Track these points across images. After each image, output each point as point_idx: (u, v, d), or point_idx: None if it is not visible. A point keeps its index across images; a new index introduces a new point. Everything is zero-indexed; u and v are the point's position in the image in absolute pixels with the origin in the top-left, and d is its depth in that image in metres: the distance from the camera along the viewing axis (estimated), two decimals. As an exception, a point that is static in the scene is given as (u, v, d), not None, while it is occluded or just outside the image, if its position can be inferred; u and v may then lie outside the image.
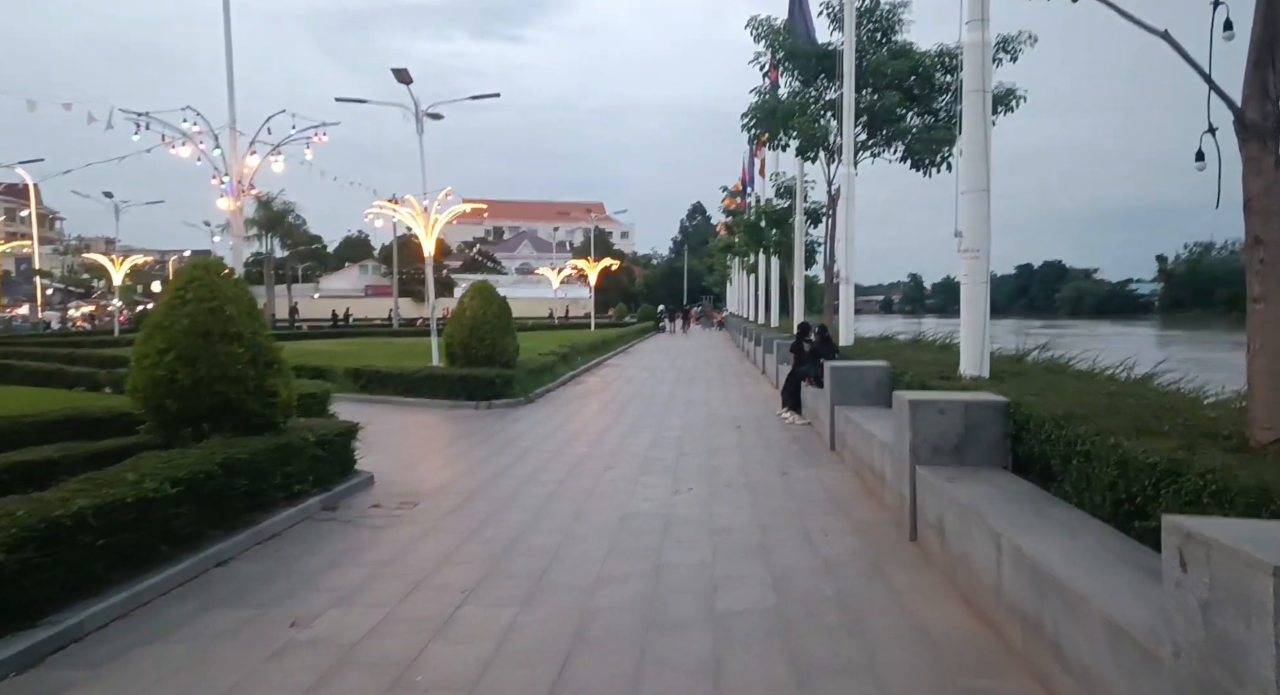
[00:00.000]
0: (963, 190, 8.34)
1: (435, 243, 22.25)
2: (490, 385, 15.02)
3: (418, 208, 21.61)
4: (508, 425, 12.70)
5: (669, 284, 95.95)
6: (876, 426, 8.32)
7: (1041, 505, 5.00)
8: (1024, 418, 5.92)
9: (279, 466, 6.71)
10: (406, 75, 20.54)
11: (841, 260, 16.08)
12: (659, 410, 14.58)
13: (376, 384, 16.22)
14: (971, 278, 8.34)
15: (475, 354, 15.59)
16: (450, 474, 8.97)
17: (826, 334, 13.20)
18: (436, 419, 13.66)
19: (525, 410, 14.59)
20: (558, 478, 8.68)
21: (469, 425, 12.84)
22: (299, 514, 6.85)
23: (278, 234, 50.62)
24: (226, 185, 11.42)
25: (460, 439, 11.63)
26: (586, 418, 13.63)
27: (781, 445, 10.80)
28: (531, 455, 10.04)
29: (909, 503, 6.35)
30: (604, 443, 10.99)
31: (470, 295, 16.00)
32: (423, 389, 15.50)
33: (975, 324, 8.31)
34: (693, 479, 8.58)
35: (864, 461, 8.43)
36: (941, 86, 19.52)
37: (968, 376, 8.23)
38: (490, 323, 15.69)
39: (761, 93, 20.23)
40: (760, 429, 12.29)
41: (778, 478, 8.65)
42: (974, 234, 8.27)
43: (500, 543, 6.23)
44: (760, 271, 37.41)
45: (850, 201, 16.03)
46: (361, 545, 6.22)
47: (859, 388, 10.34)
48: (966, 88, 8.35)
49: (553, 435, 11.69)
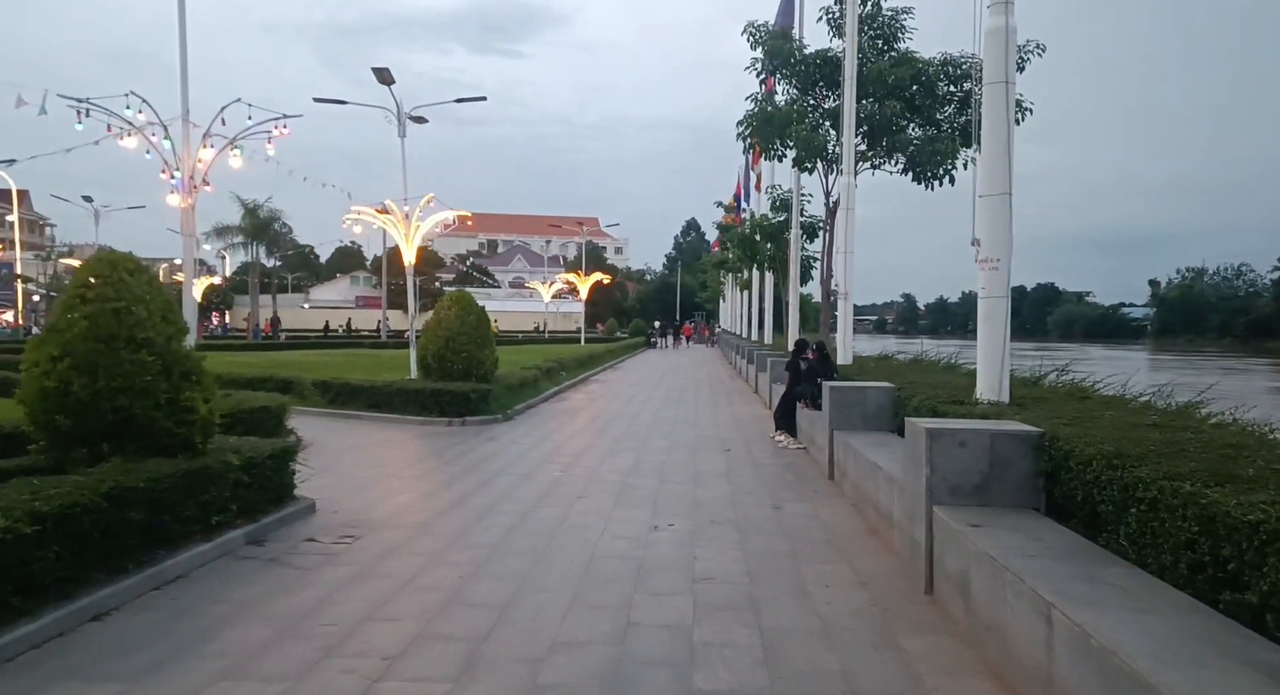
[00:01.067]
0: (981, 194, 7.47)
1: (416, 252, 21.39)
2: (465, 401, 14.07)
3: (398, 214, 20.74)
4: (479, 445, 11.74)
5: (662, 300, 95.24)
6: (882, 456, 7.41)
7: (1094, 563, 4.09)
8: (1062, 453, 5.01)
9: (191, 495, 5.75)
10: (388, 75, 19.71)
11: (840, 275, 15.22)
12: (643, 430, 13.64)
13: (346, 398, 15.26)
14: (990, 291, 7.46)
15: (451, 367, 14.65)
16: (404, 501, 8.00)
17: (825, 352, 12.31)
18: (404, 436, 12.69)
19: (501, 428, 13.63)
20: (523, 508, 7.72)
21: (437, 444, 11.88)
22: (216, 550, 5.89)
23: (263, 242, 49.59)
24: (177, 181, 10.48)
25: (424, 459, 10.66)
26: (565, 437, 12.68)
27: (774, 473, 9.87)
28: (499, 480, 9.09)
29: (924, 550, 5.42)
30: (580, 466, 10.04)
31: (447, 305, 15.07)
32: (394, 404, 14.55)
33: (994, 343, 7.42)
34: (674, 512, 7.65)
35: (867, 496, 7.51)
36: (945, 96, 18.79)
37: (985, 402, 7.34)
38: (467, 334, 14.76)
39: (758, 100, 19.45)
40: (751, 453, 11.36)
41: (769, 512, 7.71)
42: (994, 242, 7.40)
43: (442, 592, 5.28)
44: (754, 287, 36.59)
45: (850, 213, 15.20)
46: (280, 589, 5.26)
47: (860, 411, 9.44)
48: (987, 79, 7.50)
49: (526, 456, 10.74)
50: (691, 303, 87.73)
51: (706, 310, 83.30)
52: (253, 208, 48.41)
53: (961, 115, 18.73)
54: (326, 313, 79.86)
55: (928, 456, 5.39)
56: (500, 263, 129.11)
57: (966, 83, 18.43)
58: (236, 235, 49.00)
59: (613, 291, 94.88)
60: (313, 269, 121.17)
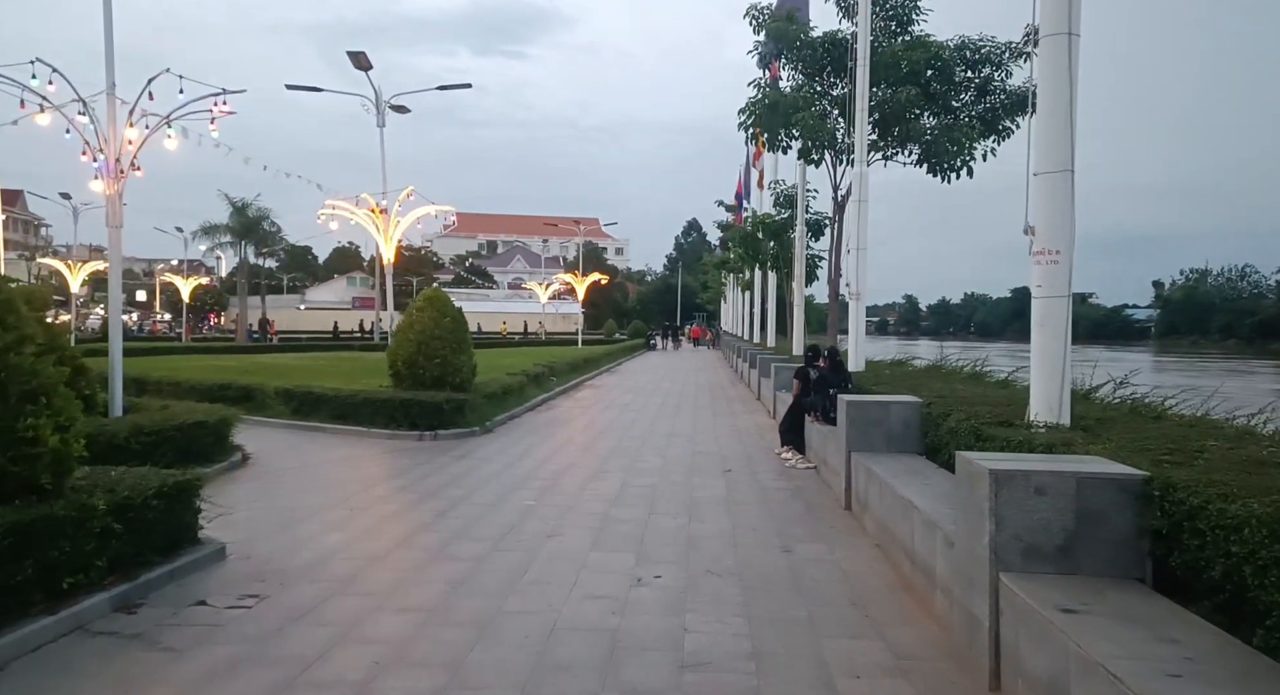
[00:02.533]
0: (1037, 171, 6.12)
1: (400, 252, 20.15)
2: (437, 412, 12.72)
3: (376, 209, 19.44)
4: (447, 463, 10.40)
5: (663, 301, 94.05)
6: (915, 490, 6.07)
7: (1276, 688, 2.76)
8: (1183, 509, 3.66)
9: (26, 554, 4.41)
10: (364, 60, 18.40)
11: (852, 273, 13.86)
12: (635, 445, 12.30)
13: (309, 407, 13.91)
14: (1048, 289, 6.11)
15: (423, 374, 13.30)
16: (336, 541, 6.66)
17: (838, 359, 10.95)
18: (365, 453, 11.35)
19: (477, 443, 12.29)
20: (479, 551, 6.38)
21: (400, 462, 10.55)
22: (61, 625, 4.54)
23: (252, 241, 48.26)
24: (100, 163, 9.16)
25: (378, 483, 9.32)
26: (547, 454, 11.34)
27: (781, 500, 8.52)
28: (459, 511, 7.74)
29: (987, 633, 4.08)
30: (559, 492, 8.70)
31: (420, 306, 13.72)
32: (360, 415, 13.20)
33: (1052, 352, 6.07)
34: (663, 556, 6.30)
35: (897, 538, 6.17)
36: (962, 83, 17.47)
37: (1041, 425, 6.00)
38: (442, 338, 13.41)
39: (761, 86, 18.11)
40: (755, 474, 10.02)
41: (778, 558, 6.36)
42: (1053, 230, 6.06)
43: (343, 689, 3.94)
44: (756, 288, 35.24)
45: (863, 205, 13.85)
46: (123, 688, 3.92)
47: (883, 430, 8.09)
48: (1045, 32, 6.14)
49: (498, 478, 9.40)
50: (692, 304, 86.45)
51: (707, 311, 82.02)
52: (241, 206, 47.05)
53: (980, 102, 17.43)
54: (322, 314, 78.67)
55: (992, 507, 4.05)
56: (499, 264, 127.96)
57: (985, 68, 17.13)
58: (224, 234, 47.61)
59: (612, 292, 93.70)
60: (311, 270, 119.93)
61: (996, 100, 17.34)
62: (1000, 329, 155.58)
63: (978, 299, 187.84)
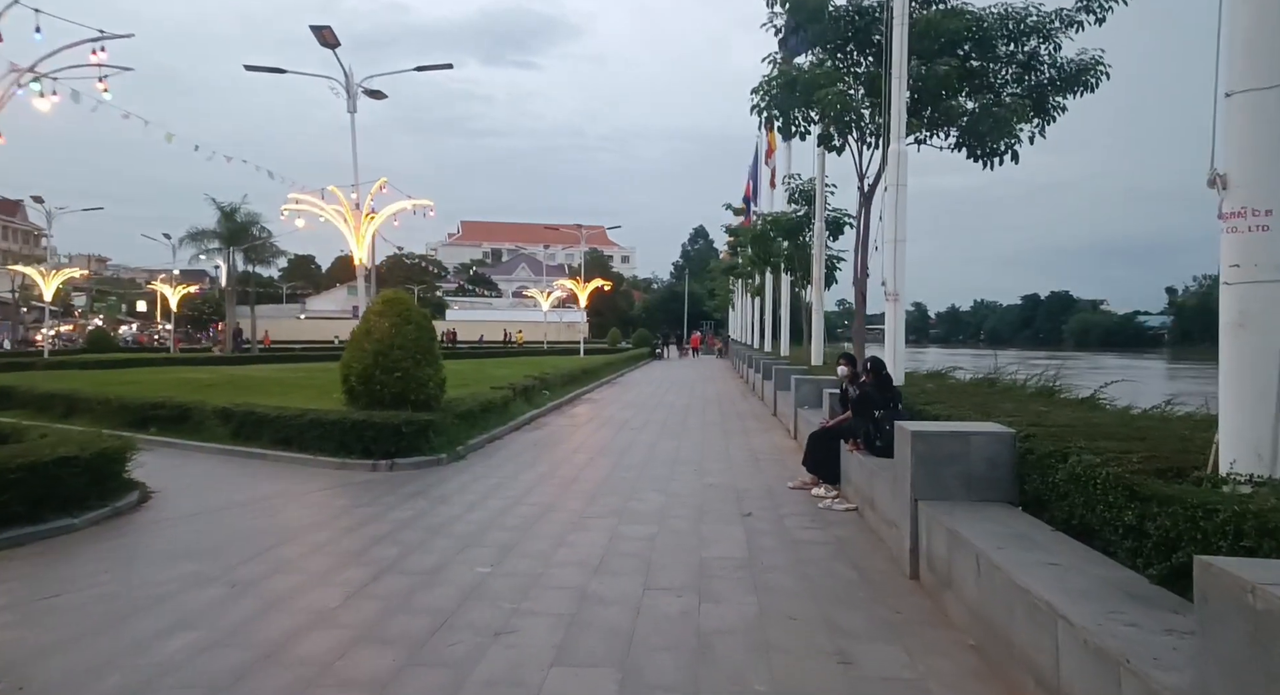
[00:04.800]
0: (1233, 90, 4.00)
1: (370, 249, 18.11)
2: (395, 436, 10.62)
3: (345, 204, 17.42)
4: (395, 505, 8.29)
5: (669, 309, 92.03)
6: (1038, 577, 3.95)
7: None
8: None
9: None
10: (331, 36, 16.39)
11: (890, 271, 11.72)
12: (632, 475, 10.19)
13: (251, 430, 11.82)
14: (1254, 267, 3.96)
15: (379, 391, 11.21)
16: (174, 652, 4.52)
17: (884, 372, 8.79)
18: (300, 489, 9.25)
19: (441, 474, 10.20)
20: (382, 670, 4.25)
21: (336, 504, 8.45)
22: None
23: (241, 247, 46.30)
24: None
25: (292, 538, 7.16)
26: (523, 489, 9.23)
27: (822, 562, 6.38)
28: (380, 587, 5.63)
29: None
30: (525, 550, 6.59)
31: (377, 310, 11.64)
32: (306, 439, 11.10)
33: (1259, 367, 3.94)
34: (661, 675, 4.17)
35: (1010, 644, 4.04)
36: (1005, 57, 15.40)
37: (1242, 477, 3.87)
38: (404, 348, 11.33)
39: (776, 62, 16.03)
40: (781, 517, 7.89)
41: (834, 677, 4.22)
42: (1261, 179, 3.93)
43: None
44: (767, 292, 33.12)
45: (901, 190, 11.75)
46: None
47: (960, 470, 5.96)
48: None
49: (451, 528, 7.29)
50: (699, 311, 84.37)
51: (715, 319, 79.96)
52: (229, 210, 45.16)
53: (1024, 79, 15.33)
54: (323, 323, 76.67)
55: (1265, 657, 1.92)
56: (504, 272, 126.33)
57: (1030, 39, 15.04)
58: (212, 240, 45.68)
59: (618, 300, 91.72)
60: (314, 279, 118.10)
61: (1044, 76, 15.26)
62: (1010, 336, 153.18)
63: (987, 306, 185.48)
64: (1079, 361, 52.86)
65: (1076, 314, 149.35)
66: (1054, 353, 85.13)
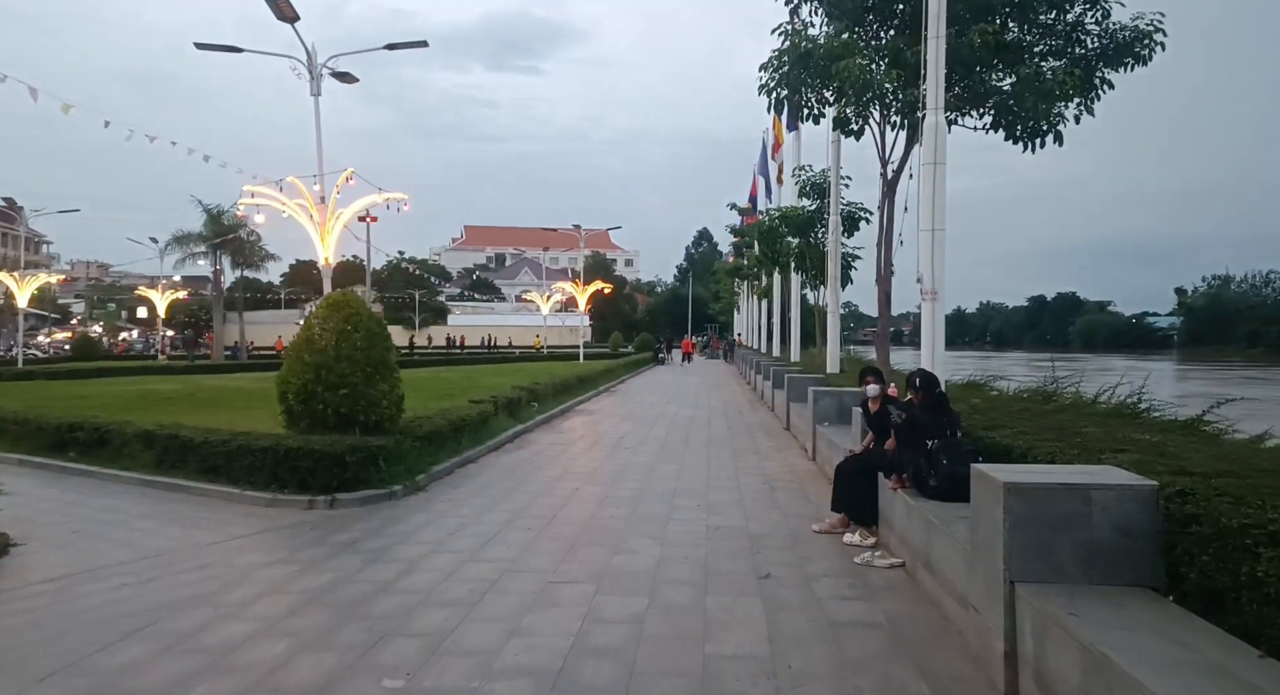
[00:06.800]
0: None
1: (334, 246, 16.35)
2: (338, 465, 8.81)
3: (309, 197, 15.64)
4: (315, 564, 6.48)
5: (673, 312, 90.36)
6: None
7: None
8: None
9: None
10: (288, 9, 14.62)
11: (925, 263, 9.88)
12: (622, 513, 8.36)
13: (176, 456, 10.02)
14: None
15: (322, 411, 9.40)
16: None
17: (939, 391, 6.92)
18: (204, 539, 7.41)
19: (391, 513, 8.39)
20: None
21: (238, 564, 6.62)
22: None
23: (227, 251, 44.59)
24: None
25: (141, 629, 5.27)
26: (483, 537, 7.41)
27: (876, 667, 4.52)
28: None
29: None
30: (460, 648, 4.77)
31: (320, 314, 9.83)
32: (235, 469, 9.29)
33: None
34: None
35: None
36: (1045, 27, 13.62)
37: None
38: (351, 359, 9.52)
39: (788, 33, 14.21)
40: (809, 580, 6.05)
41: None
42: None
43: None
44: (775, 294, 31.27)
45: (939, 168, 9.93)
46: None
47: (1077, 539, 4.12)
48: None
49: (371, 605, 5.47)
50: (704, 314, 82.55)
51: (719, 322, 78.13)
52: (216, 212, 43.47)
53: (1070, 50, 13.49)
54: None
55: None
56: (507, 276, 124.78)
57: (1075, 6, 13.23)
58: (197, 243, 43.97)
59: (621, 304, 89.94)
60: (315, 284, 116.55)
61: (1089, 47, 13.44)
62: (1017, 338, 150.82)
63: (993, 308, 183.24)
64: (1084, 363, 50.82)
65: (1084, 315, 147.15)
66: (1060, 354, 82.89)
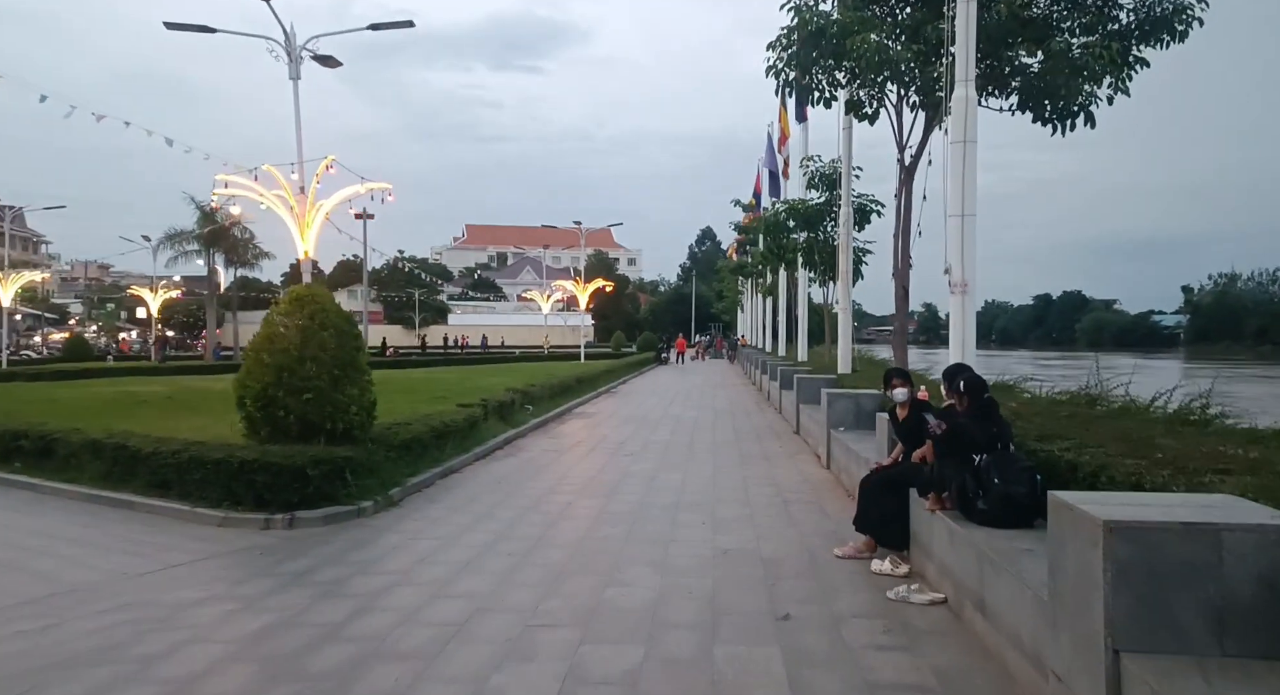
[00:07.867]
0: None
1: (314, 239, 15.43)
2: (300, 479, 7.83)
3: (287, 187, 14.68)
4: (254, 602, 5.51)
5: (676, 311, 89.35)
6: None
7: None
8: None
9: None
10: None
11: (954, 252, 8.89)
12: (619, 533, 7.38)
13: (125, 469, 9.05)
14: None
15: (284, 418, 8.43)
16: None
17: (986, 396, 5.91)
18: (139, 567, 6.44)
19: (357, 534, 7.42)
20: None
21: (166, 601, 5.64)
22: None
23: (220, 249, 43.67)
24: None
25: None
26: (456, 565, 6.44)
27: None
28: None
29: None
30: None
31: (284, 311, 8.86)
32: (187, 483, 8.32)
33: None
34: None
35: None
36: (1075, 1, 12.62)
37: None
38: (317, 361, 8.55)
39: (799, 9, 13.21)
40: (837, 622, 5.07)
41: None
42: None
43: None
44: (781, 291, 30.28)
45: (970, 146, 8.95)
46: None
47: (1205, 596, 3.12)
48: None
49: (308, 661, 4.50)
50: (707, 313, 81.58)
51: (723, 322, 77.14)
52: (208, 210, 42.50)
53: (1100, 26, 12.46)
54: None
55: None
56: (509, 275, 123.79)
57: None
58: (190, 241, 43.06)
59: (623, 303, 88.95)
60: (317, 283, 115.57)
61: (1125, 22, 12.43)
62: (1022, 337, 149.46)
63: (998, 306, 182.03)
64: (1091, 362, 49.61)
65: (1090, 313, 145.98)
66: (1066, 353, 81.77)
